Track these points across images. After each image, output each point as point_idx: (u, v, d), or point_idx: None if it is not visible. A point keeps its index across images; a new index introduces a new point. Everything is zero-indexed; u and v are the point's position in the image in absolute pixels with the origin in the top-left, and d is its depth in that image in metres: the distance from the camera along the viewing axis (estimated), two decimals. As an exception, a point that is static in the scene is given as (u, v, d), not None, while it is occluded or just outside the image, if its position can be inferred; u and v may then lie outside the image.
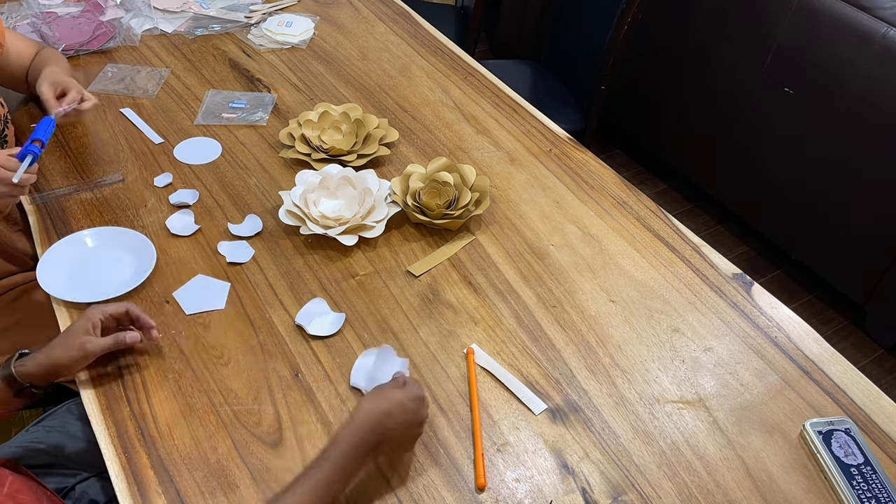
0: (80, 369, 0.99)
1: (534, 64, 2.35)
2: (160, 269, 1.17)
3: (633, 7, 1.85)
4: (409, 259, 1.22)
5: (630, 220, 1.32)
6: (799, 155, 2.14)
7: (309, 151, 1.39)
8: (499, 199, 1.36)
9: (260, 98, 1.56)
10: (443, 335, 1.10)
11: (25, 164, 1.12)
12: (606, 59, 1.94)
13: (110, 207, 1.28)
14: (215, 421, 0.97)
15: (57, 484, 1.07)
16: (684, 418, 1.02)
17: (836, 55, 1.95)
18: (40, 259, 1.15)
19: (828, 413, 1.03)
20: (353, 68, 1.68)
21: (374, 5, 1.94)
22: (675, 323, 1.15)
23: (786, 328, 1.15)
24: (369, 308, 1.14)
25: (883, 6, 1.86)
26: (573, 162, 1.45)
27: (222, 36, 1.77)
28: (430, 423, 0.98)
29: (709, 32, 2.29)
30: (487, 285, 1.19)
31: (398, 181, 1.31)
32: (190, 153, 1.41)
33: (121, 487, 0.89)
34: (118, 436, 0.95)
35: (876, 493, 0.92)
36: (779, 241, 2.37)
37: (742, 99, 2.25)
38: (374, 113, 1.52)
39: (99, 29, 1.69)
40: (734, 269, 1.24)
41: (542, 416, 1.01)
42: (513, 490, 0.92)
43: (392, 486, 0.91)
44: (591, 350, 1.10)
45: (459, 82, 1.66)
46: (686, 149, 2.56)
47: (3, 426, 1.49)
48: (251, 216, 1.27)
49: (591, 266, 1.23)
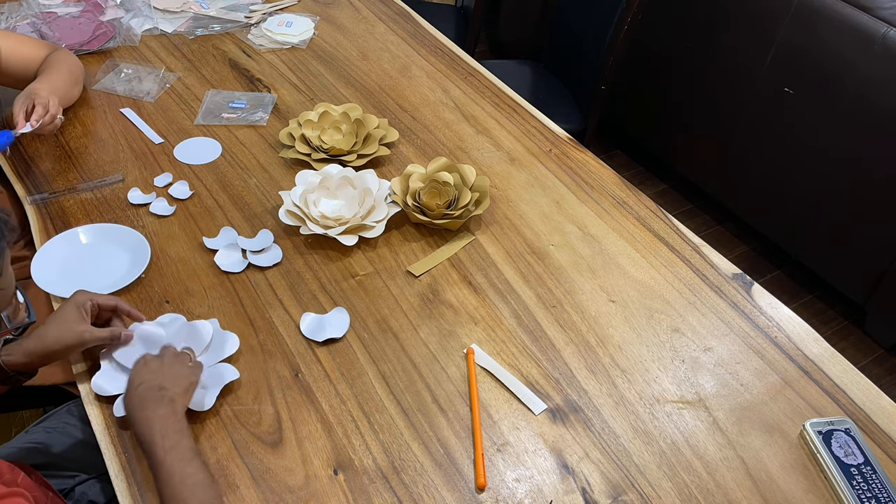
0: (72, 355, 0.99)
1: (534, 64, 2.35)
2: (160, 269, 1.17)
3: (633, 7, 1.85)
4: (409, 259, 1.22)
5: (630, 220, 1.32)
6: (799, 155, 2.14)
7: (309, 151, 1.39)
8: (499, 199, 1.36)
9: (260, 98, 1.56)
10: (443, 335, 1.10)
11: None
12: (606, 59, 1.94)
13: (110, 207, 1.28)
14: (215, 421, 0.97)
15: (56, 485, 1.07)
16: (684, 418, 1.02)
17: (836, 55, 1.95)
18: (35, 255, 1.15)
19: (828, 413, 1.03)
20: (353, 68, 1.68)
21: (374, 5, 1.94)
22: (675, 323, 1.15)
23: (786, 328, 1.15)
24: (369, 308, 1.14)
25: (883, 6, 1.86)
26: (573, 162, 1.45)
27: (222, 36, 1.77)
28: (431, 423, 0.99)
29: (709, 32, 2.29)
30: (487, 285, 1.19)
31: (398, 181, 1.31)
32: (190, 153, 1.41)
33: (121, 487, 0.90)
34: (118, 436, 0.95)
35: (876, 493, 0.92)
36: (779, 241, 2.37)
37: (742, 99, 2.25)
38: (374, 113, 1.52)
39: (99, 29, 1.69)
40: (734, 269, 1.24)
41: (542, 416, 1.01)
42: (513, 490, 0.92)
43: (392, 486, 0.92)
44: (591, 350, 1.10)
45: (459, 82, 1.66)
46: (686, 149, 2.56)
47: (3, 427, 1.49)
48: (264, 231, 1.24)
49: (591, 266, 1.23)
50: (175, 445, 0.86)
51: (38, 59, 1.44)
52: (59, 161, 1.37)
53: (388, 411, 1.00)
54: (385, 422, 0.99)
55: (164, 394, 0.91)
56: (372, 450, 0.95)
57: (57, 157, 1.38)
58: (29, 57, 1.43)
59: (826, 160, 2.07)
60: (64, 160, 1.37)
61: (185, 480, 0.83)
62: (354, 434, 0.97)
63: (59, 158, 1.37)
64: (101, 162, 1.37)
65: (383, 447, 0.96)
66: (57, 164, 1.36)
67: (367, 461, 0.94)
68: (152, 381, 0.92)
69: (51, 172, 1.34)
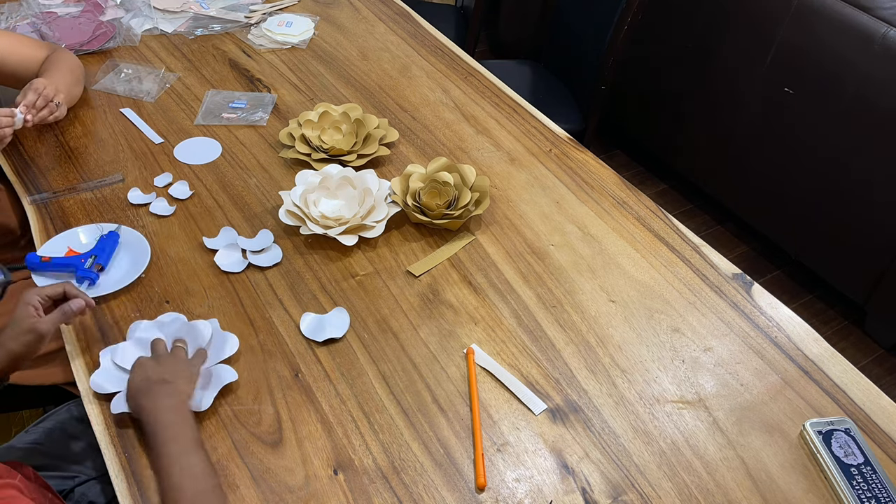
0: (40, 352, 0.98)
1: (534, 64, 2.35)
2: (160, 269, 1.17)
3: (633, 7, 1.85)
4: (409, 259, 1.22)
5: (630, 220, 1.32)
6: (799, 155, 2.14)
7: (309, 151, 1.39)
8: (499, 199, 1.36)
9: (260, 98, 1.56)
10: (443, 335, 1.10)
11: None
12: (606, 59, 1.94)
13: (110, 207, 1.28)
14: (215, 421, 0.97)
15: (56, 486, 1.07)
16: (684, 418, 1.02)
17: (836, 55, 1.95)
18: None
19: (828, 413, 1.03)
20: (353, 68, 1.68)
21: (374, 5, 1.94)
22: (675, 323, 1.15)
23: (786, 328, 1.15)
24: (369, 308, 1.14)
25: (883, 6, 1.86)
26: (573, 162, 1.45)
27: (222, 36, 1.77)
28: (431, 423, 0.99)
29: (709, 32, 2.29)
30: (487, 285, 1.19)
31: (398, 181, 1.31)
32: (190, 153, 1.41)
33: (121, 487, 0.90)
34: (118, 436, 0.95)
35: (876, 493, 0.92)
36: (779, 241, 2.37)
37: (742, 99, 2.25)
38: (374, 113, 1.52)
39: (99, 29, 1.69)
40: (734, 269, 1.24)
41: (542, 416, 1.01)
42: (513, 490, 0.92)
43: (392, 486, 0.92)
44: (591, 350, 1.10)
45: (459, 82, 1.66)
46: (686, 149, 2.56)
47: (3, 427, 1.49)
48: (264, 231, 1.24)
49: (591, 266, 1.23)
50: (177, 435, 0.87)
51: (38, 60, 1.44)
52: (59, 161, 1.37)
53: (388, 411, 1.00)
54: (385, 422, 0.99)
55: (167, 386, 0.93)
56: (372, 450, 0.95)
57: (57, 157, 1.38)
58: (29, 57, 1.43)
59: (826, 160, 2.07)
60: (64, 160, 1.37)
61: (185, 470, 0.85)
62: (354, 434, 0.97)
63: (59, 158, 1.37)
64: (101, 162, 1.37)
65: (383, 447, 0.96)
66: (57, 164, 1.36)
67: (367, 461, 0.94)
68: (154, 375, 0.94)
69: (51, 172, 1.34)
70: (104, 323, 1.09)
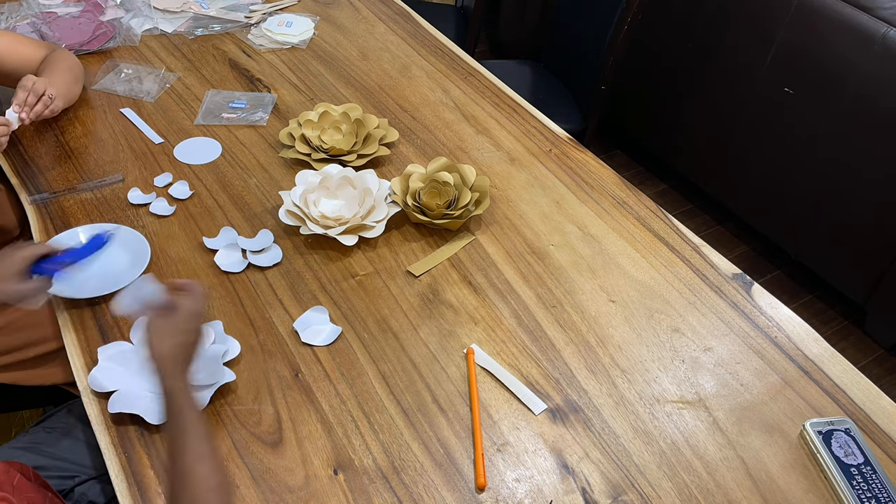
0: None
1: (534, 64, 2.35)
2: (160, 269, 1.17)
3: (633, 7, 1.85)
4: (409, 259, 1.22)
5: (630, 220, 1.32)
6: (799, 155, 2.14)
7: (309, 151, 1.39)
8: (499, 199, 1.36)
9: (260, 98, 1.56)
10: (443, 335, 1.10)
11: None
12: (606, 59, 1.94)
13: (110, 207, 1.28)
14: (215, 421, 0.97)
15: (56, 486, 1.07)
16: (684, 418, 1.02)
17: (836, 55, 1.95)
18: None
19: (828, 413, 1.03)
20: (353, 68, 1.68)
21: (374, 5, 1.94)
22: (675, 323, 1.15)
23: (786, 328, 1.15)
24: (369, 308, 1.14)
25: (883, 6, 1.86)
26: (573, 162, 1.45)
27: (222, 36, 1.77)
28: (431, 423, 0.99)
29: (709, 32, 2.29)
30: (487, 285, 1.19)
31: (398, 181, 1.31)
32: (190, 153, 1.41)
33: (121, 488, 0.90)
34: (118, 436, 0.95)
35: (876, 493, 0.92)
36: (779, 241, 2.37)
37: (742, 99, 2.25)
38: (374, 113, 1.52)
39: (99, 29, 1.69)
40: (734, 269, 1.24)
41: (542, 416, 1.01)
42: (513, 490, 0.92)
43: (392, 486, 0.92)
44: (591, 350, 1.10)
45: (459, 82, 1.66)
46: (686, 149, 2.55)
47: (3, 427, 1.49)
48: (264, 231, 1.24)
49: (591, 266, 1.23)
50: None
51: (37, 59, 1.44)
52: (59, 161, 1.37)
53: (388, 411, 1.00)
54: (385, 422, 0.99)
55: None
56: (372, 450, 0.95)
57: (57, 157, 1.38)
58: (28, 57, 1.43)
59: (826, 160, 2.07)
60: (64, 160, 1.37)
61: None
62: (354, 434, 0.97)
63: (59, 158, 1.37)
64: (101, 162, 1.37)
65: (383, 447, 0.96)
66: (57, 163, 1.36)
67: (367, 461, 0.94)
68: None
69: (51, 172, 1.34)
70: (104, 323, 1.09)
